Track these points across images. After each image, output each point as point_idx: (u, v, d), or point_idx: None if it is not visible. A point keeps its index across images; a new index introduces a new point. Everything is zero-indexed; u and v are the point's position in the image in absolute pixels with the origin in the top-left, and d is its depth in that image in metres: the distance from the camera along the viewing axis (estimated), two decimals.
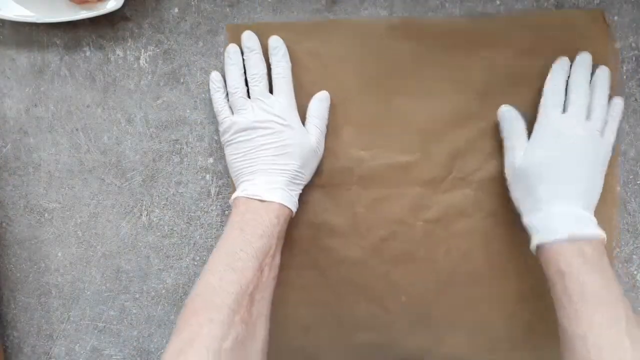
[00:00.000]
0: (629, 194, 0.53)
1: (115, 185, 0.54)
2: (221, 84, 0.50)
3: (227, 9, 0.53)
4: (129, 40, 0.53)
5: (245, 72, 0.50)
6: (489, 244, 0.52)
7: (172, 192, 0.54)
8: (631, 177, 0.53)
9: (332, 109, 0.52)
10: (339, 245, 0.52)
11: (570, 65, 0.49)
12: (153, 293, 0.54)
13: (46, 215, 0.54)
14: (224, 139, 0.49)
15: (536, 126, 0.48)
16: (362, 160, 0.52)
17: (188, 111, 0.53)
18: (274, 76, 0.49)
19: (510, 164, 0.48)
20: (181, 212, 0.54)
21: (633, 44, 0.52)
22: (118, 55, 0.53)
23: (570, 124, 0.46)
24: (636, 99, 0.52)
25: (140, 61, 0.53)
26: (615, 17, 0.52)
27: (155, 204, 0.54)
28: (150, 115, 0.53)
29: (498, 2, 0.52)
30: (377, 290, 0.53)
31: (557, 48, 0.51)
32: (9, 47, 0.53)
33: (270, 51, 0.50)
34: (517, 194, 0.48)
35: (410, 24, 0.51)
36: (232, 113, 0.49)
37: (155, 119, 0.53)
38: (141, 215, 0.54)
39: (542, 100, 0.49)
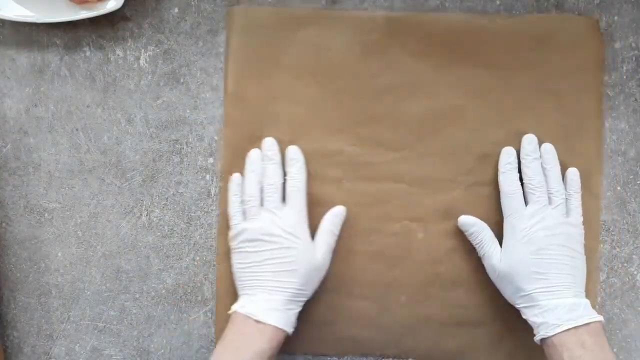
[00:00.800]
0: (629, 194, 0.53)
1: (115, 185, 0.54)
2: (239, 189, 0.50)
3: (227, 9, 0.53)
4: (129, 40, 0.53)
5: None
6: (471, 246, 0.51)
7: (172, 192, 0.54)
8: (631, 177, 0.53)
9: (323, 100, 0.52)
10: None
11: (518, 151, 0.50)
12: (153, 293, 0.54)
13: (46, 215, 0.54)
14: (232, 244, 0.50)
15: (505, 229, 0.49)
16: (351, 154, 0.52)
17: (188, 111, 0.53)
18: (288, 187, 0.49)
19: (491, 267, 0.49)
20: (181, 212, 0.54)
21: (633, 44, 0.52)
22: (118, 55, 0.53)
23: (536, 219, 0.47)
24: (636, 99, 0.53)
25: (140, 61, 0.53)
26: (615, 17, 0.52)
27: (155, 204, 0.54)
28: (150, 115, 0.53)
29: (498, 2, 0.53)
30: (358, 284, 0.52)
31: (552, 51, 0.51)
32: (9, 47, 0.53)
33: (288, 161, 0.50)
34: (507, 293, 0.49)
35: (408, 20, 0.51)
36: (245, 218, 0.49)
37: (155, 119, 0.53)
38: (141, 215, 0.54)
39: (502, 201, 0.50)
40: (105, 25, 0.53)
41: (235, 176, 0.51)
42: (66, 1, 0.50)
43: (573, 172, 0.50)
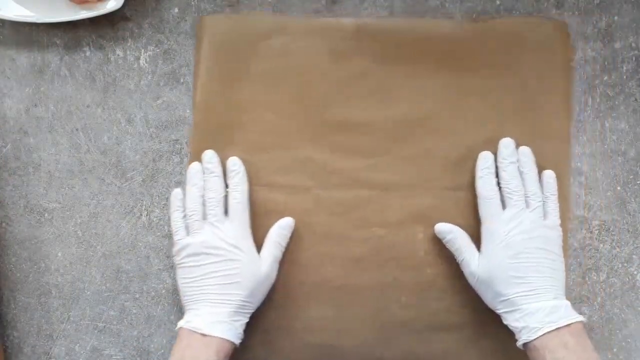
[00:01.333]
0: (629, 194, 0.53)
1: (115, 185, 0.54)
2: (181, 203, 0.50)
3: (227, 9, 0.53)
4: (129, 40, 0.53)
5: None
6: (444, 250, 0.51)
7: None
8: (631, 177, 0.53)
9: (294, 109, 0.52)
10: (296, 247, 0.52)
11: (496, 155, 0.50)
12: (153, 293, 0.54)
13: (46, 215, 0.54)
14: (175, 260, 0.49)
15: (483, 234, 0.49)
16: (323, 162, 0.52)
17: (188, 111, 0.53)
18: (230, 200, 0.49)
19: (470, 274, 0.49)
20: None
21: (633, 44, 0.52)
22: (118, 55, 0.53)
23: (514, 224, 0.47)
24: (636, 99, 0.53)
25: (140, 61, 0.53)
26: (615, 17, 0.52)
27: (155, 204, 0.54)
28: (150, 115, 0.53)
29: (498, 2, 0.53)
30: (330, 292, 0.52)
31: (521, 54, 0.51)
32: (9, 47, 0.53)
33: (228, 173, 0.50)
34: (487, 298, 0.48)
35: (378, 27, 0.51)
36: (188, 233, 0.49)
37: (155, 119, 0.53)
38: (141, 215, 0.54)
39: (479, 205, 0.49)
40: (105, 25, 0.53)
41: (176, 191, 0.50)
42: (66, 1, 0.50)
43: (549, 175, 0.50)
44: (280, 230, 0.51)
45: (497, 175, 0.50)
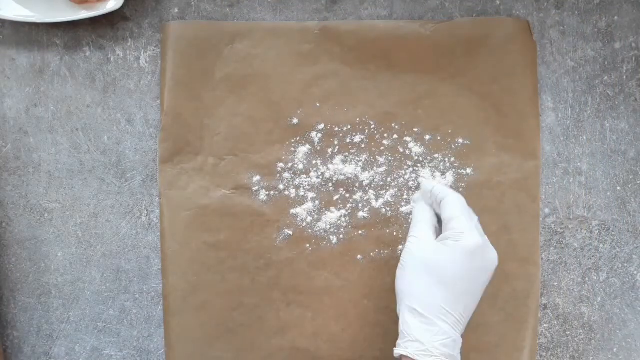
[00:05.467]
0: (629, 194, 0.53)
1: (115, 185, 0.54)
2: None
3: (227, 9, 0.53)
4: (129, 40, 0.53)
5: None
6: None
7: None
8: (631, 177, 0.53)
9: (260, 112, 0.52)
10: (269, 249, 0.52)
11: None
12: (153, 293, 0.54)
13: (46, 215, 0.54)
14: None
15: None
16: (293, 164, 0.52)
17: None
18: None
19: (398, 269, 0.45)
20: None
21: (633, 44, 0.52)
22: (118, 55, 0.53)
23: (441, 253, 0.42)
24: (636, 99, 0.53)
25: (140, 61, 0.53)
26: (615, 17, 0.52)
27: (155, 204, 0.54)
28: (150, 115, 0.53)
29: (498, 2, 0.53)
30: (301, 294, 0.52)
31: (485, 54, 0.51)
32: (9, 47, 0.53)
33: None
34: (397, 301, 0.44)
35: (342, 29, 0.51)
36: None
37: (155, 119, 0.53)
38: (141, 215, 0.54)
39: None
40: (105, 25, 0.53)
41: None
42: (66, 1, 0.50)
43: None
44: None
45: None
